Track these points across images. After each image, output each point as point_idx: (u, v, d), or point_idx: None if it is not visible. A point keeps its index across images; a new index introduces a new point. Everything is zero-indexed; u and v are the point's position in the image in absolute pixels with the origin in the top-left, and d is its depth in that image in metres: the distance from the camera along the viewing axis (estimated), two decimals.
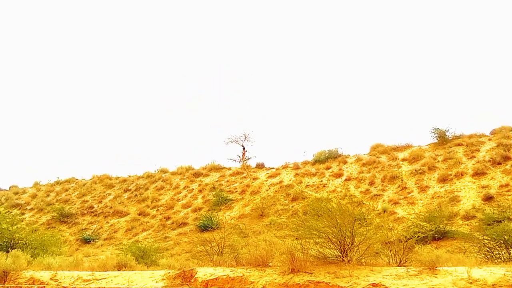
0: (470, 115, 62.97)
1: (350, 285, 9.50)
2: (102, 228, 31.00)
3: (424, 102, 70.46)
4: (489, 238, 13.60)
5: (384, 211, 23.44)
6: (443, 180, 25.51)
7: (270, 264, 11.56)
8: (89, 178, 42.08)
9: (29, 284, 14.00)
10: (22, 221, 32.47)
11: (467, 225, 20.03)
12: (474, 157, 27.02)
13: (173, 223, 29.34)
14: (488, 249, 13.45)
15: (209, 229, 25.86)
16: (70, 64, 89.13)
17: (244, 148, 37.04)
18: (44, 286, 13.29)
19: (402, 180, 26.93)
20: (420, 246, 11.87)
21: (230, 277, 11.22)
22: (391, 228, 16.37)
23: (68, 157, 77.90)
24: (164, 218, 30.43)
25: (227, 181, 34.92)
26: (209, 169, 37.89)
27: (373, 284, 9.28)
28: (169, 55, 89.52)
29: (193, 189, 34.70)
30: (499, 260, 12.44)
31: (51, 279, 14.18)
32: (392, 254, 11.31)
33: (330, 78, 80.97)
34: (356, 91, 76.84)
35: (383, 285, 9.16)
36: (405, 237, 11.95)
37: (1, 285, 14.33)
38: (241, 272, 11.27)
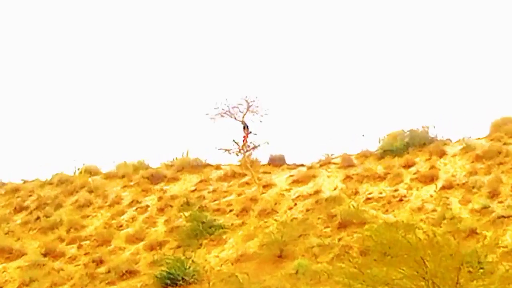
0: None
1: None
2: None
3: None
4: None
5: None
6: None
7: None
8: None
9: None
10: None
11: None
12: None
13: (109, 271, 20.40)
14: None
15: (179, 283, 18.94)
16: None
17: (246, 128, 23.35)
18: None
19: None
20: None
21: None
22: None
23: None
24: (93, 261, 21.41)
25: (214, 190, 24.06)
26: (179, 167, 26.06)
27: None
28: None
29: (147, 205, 24.47)
30: None
31: None
32: None
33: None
34: None
35: None
36: None
37: None
38: None
